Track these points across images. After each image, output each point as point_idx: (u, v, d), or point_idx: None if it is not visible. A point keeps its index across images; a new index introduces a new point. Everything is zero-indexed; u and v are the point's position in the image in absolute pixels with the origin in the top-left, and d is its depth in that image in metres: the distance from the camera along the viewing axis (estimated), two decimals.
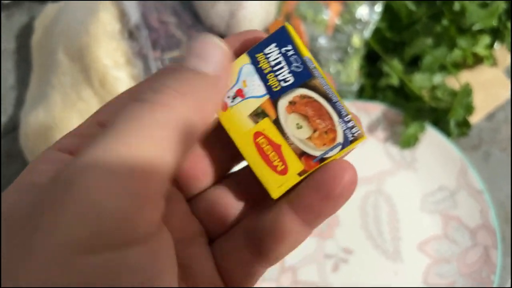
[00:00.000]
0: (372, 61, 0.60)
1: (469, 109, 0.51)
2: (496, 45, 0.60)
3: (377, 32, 0.58)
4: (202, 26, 0.51)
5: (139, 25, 0.50)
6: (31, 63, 0.61)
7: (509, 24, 0.59)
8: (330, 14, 0.55)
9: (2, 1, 0.65)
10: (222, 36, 0.51)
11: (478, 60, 0.61)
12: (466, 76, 0.61)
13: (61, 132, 0.50)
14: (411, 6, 0.57)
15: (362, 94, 0.59)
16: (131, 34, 0.50)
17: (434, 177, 0.53)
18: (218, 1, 0.48)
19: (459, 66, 0.60)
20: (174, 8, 0.52)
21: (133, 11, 0.51)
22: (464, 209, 0.51)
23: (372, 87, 0.59)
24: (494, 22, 0.56)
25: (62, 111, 0.50)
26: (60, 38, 0.53)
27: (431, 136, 0.54)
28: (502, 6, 0.58)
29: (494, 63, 0.61)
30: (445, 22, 0.56)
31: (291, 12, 0.55)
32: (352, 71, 0.56)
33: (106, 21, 0.50)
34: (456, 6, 0.55)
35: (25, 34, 0.67)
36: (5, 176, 0.57)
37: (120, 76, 0.49)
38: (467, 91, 0.50)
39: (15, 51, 0.66)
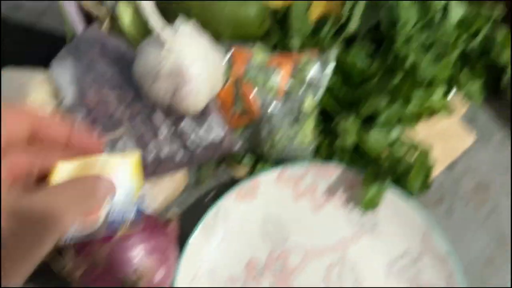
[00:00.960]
0: (327, 117, 0.58)
1: (429, 172, 0.50)
2: (453, 93, 0.60)
3: (330, 90, 0.56)
4: (142, 103, 0.48)
5: (74, 106, 0.46)
6: None
7: (466, 72, 0.58)
8: (281, 78, 0.52)
9: None
10: (167, 112, 0.48)
11: (434, 110, 0.60)
12: (423, 127, 0.60)
13: None
14: (363, 63, 0.55)
15: (318, 153, 0.57)
16: (66, 117, 0.46)
17: (398, 242, 0.51)
18: (159, 76, 0.45)
19: (415, 118, 0.59)
20: (115, 82, 0.48)
21: (68, 89, 0.47)
22: (431, 275, 0.49)
23: (328, 146, 0.57)
24: (449, 73, 0.55)
25: None
26: None
27: (392, 197, 0.52)
28: (456, 55, 0.57)
29: (450, 112, 0.60)
30: (397, 79, 0.55)
31: (240, 78, 0.52)
32: (306, 134, 0.54)
33: (37, 104, 0.46)
34: (409, 61, 0.53)
35: None
36: None
37: None
38: (424, 155, 0.49)
39: None
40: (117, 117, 0.47)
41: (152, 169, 0.48)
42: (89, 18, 0.68)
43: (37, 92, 0.46)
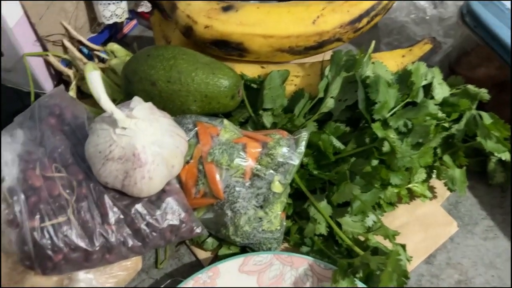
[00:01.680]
0: (298, 197, 0.54)
1: (404, 274, 0.45)
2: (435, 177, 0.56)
3: (302, 169, 0.52)
4: (95, 182, 0.44)
5: (13, 187, 0.42)
6: None
7: (447, 158, 0.55)
8: (248, 157, 0.49)
9: None
10: (119, 195, 0.44)
11: (414, 194, 0.56)
12: (403, 211, 0.56)
13: None
14: (338, 143, 0.52)
15: (287, 237, 0.53)
16: (4, 197, 0.42)
17: None
18: (109, 159, 0.42)
19: (393, 203, 0.55)
20: (64, 160, 0.45)
21: (9, 169, 0.43)
22: None
23: (298, 231, 0.52)
24: (429, 160, 0.52)
25: None
26: None
27: None
28: (437, 141, 0.54)
29: (432, 198, 0.56)
30: (375, 161, 0.51)
31: (205, 156, 0.48)
32: (275, 217, 0.50)
33: None
34: (386, 146, 0.50)
35: None
36: None
37: None
38: (397, 262, 0.44)
39: None
40: (63, 200, 0.42)
41: (99, 256, 0.43)
42: (59, 77, 0.65)
43: None
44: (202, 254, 0.53)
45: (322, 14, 0.55)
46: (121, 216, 0.44)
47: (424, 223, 0.55)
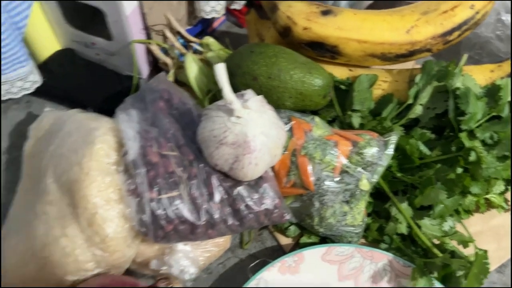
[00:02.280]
0: (378, 196, 0.57)
1: (484, 277, 0.47)
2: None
3: (387, 170, 0.55)
4: (204, 163, 0.48)
5: (136, 161, 0.46)
6: (20, 168, 0.58)
7: None
8: (339, 154, 0.52)
9: None
10: (224, 178, 0.48)
11: (490, 205, 0.58)
12: (477, 220, 0.58)
13: (39, 267, 0.46)
14: (424, 149, 0.55)
15: (366, 233, 0.56)
16: (127, 168, 0.47)
17: None
18: (223, 143, 0.46)
19: (470, 211, 0.57)
20: (176, 141, 0.49)
21: (132, 144, 0.48)
22: None
23: (378, 229, 0.55)
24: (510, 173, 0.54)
25: (43, 246, 0.46)
26: (51, 161, 0.49)
27: None
28: None
29: (507, 210, 0.58)
30: (459, 169, 0.53)
31: (298, 149, 0.52)
32: (358, 213, 0.53)
33: (102, 154, 0.47)
34: (473, 156, 0.52)
35: (19, 133, 0.64)
36: None
37: (110, 216, 0.45)
38: (483, 263, 0.47)
39: (6, 151, 0.63)
40: (176, 177, 0.47)
41: (203, 230, 0.48)
42: (155, 63, 0.70)
43: (103, 141, 0.47)
44: (284, 240, 0.57)
45: (416, 25, 0.57)
46: (225, 196, 0.48)
47: (498, 234, 0.57)
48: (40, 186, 0.50)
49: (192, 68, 0.63)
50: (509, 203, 0.58)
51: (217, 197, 0.48)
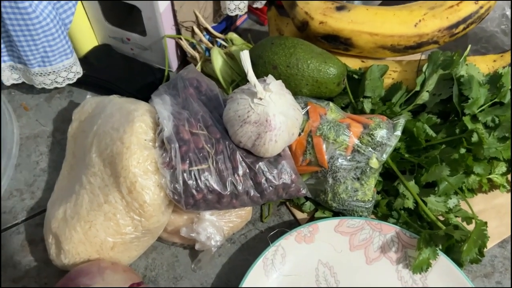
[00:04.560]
0: (388, 176, 0.62)
1: (484, 245, 0.52)
2: None
3: (395, 152, 0.60)
4: (229, 141, 0.54)
5: (170, 137, 0.53)
6: (64, 149, 0.65)
7: None
8: (351, 135, 0.57)
9: (44, 85, 0.69)
10: (246, 154, 0.54)
11: (493, 185, 0.62)
12: (481, 200, 0.62)
13: (84, 231, 0.53)
14: (430, 131, 0.59)
15: (376, 209, 0.61)
16: (162, 144, 0.53)
17: None
18: (247, 122, 0.52)
19: (474, 190, 0.61)
20: (205, 121, 0.55)
21: (166, 123, 0.54)
22: None
23: (387, 205, 0.60)
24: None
25: (88, 212, 0.53)
26: (95, 138, 0.56)
27: (443, 263, 0.54)
28: None
29: (509, 190, 0.62)
30: (462, 150, 0.58)
31: (314, 130, 0.57)
32: (369, 190, 0.58)
33: (141, 131, 0.53)
34: (475, 137, 0.57)
35: (62, 119, 0.72)
36: (22, 265, 0.58)
37: (147, 184, 0.51)
38: (482, 228, 0.51)
39: (51, 135, 0.70)
40: (205, 152, 0.53)
41: (228, 200, 0.54)
42: (183, 57, 0.77)
43: (142, 120, 0.54)
44: (300, 215, 0.62)
45: (423, 19, 0.62)
46: (247, 170, 0.54)
47: (500, 212, 0.61)
48: (86, 160, 0.56)
49: (218, 61, 0.69)
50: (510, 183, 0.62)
51: (241, 171, 0.54)
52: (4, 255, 0.59)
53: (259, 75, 0.60)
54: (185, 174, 0.52)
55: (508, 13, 0.69)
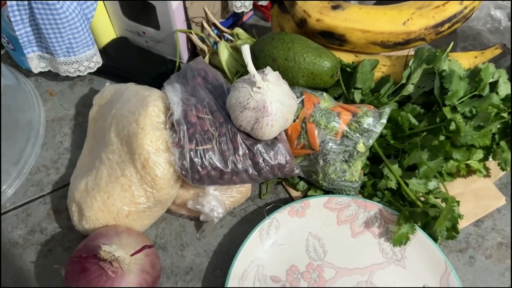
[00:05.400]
0: (375, 161, 0.68)
1: (455, 221, 0.58)
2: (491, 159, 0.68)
3: (381, 139, 0.66)
4: (231, 125, 0.61)
5: (179, 120, 0.60)
6: (85, 130, 0.72)
7: (503, 144, 0.66)
8: (341, 122, 0.64)
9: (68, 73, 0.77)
10: (246, 137, 0.61)
11: (471, 170, 0.68)
12: (460, 184, 0.68)
13: (103, 200, 0.60)
14: (413, 120, 0.66)
15: (362, 190, 0.67)
16: (172, 126, 0.61)
17: (419, 276, 0.60)
18: (246, 108, 0.58)
19: (453, 174, 0.67)
20: (210, 107, 0.62)
21: (176, 108, 0.61)
22: None
23: (372, 185, 0.67)
24: (487, 142, 0.64)
25: (107, 184, 0.60)
26: (113, 120, 0.64)
27: (420, 238, 0.61)
28: (496, 127, 0.66)
29: (486, 175, 0.68)
30: (442, 137, 0.64)
31: (307, 117, 0.64)
32: (356, 171, 0.65)
33: (154, 114, 0.61)
34: (453, 126, 0.63)
35: (83, 104, 0.80)
36: (48, 230, 0.67)
37: (159, 161, 0.59)
38: (452, 205, 0.57)
39: (73, 118, 0.78)
40: (209, 134, 0.60)
41: (229, 177, 0.61)
42: (193, 50, 0.84)
43: (155, 105, 0.61)
44: (294, 193, 0.69)
45: (411, 18, 0.68)
46: (247, 151, 0.61)
47: (477, 195, 0.68)
48: (105, 140, 0.64)
49: (224, 54, 0.76)
50: (488, 169, 0.68)
51: (241, 151, 0.61)
52: (32, 222, 0.67)
53: (260, 67, 0.67)
54: (191, 153, 0.59)
55: (493, 13, 0.75)
